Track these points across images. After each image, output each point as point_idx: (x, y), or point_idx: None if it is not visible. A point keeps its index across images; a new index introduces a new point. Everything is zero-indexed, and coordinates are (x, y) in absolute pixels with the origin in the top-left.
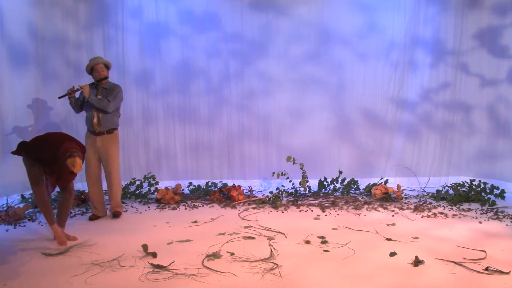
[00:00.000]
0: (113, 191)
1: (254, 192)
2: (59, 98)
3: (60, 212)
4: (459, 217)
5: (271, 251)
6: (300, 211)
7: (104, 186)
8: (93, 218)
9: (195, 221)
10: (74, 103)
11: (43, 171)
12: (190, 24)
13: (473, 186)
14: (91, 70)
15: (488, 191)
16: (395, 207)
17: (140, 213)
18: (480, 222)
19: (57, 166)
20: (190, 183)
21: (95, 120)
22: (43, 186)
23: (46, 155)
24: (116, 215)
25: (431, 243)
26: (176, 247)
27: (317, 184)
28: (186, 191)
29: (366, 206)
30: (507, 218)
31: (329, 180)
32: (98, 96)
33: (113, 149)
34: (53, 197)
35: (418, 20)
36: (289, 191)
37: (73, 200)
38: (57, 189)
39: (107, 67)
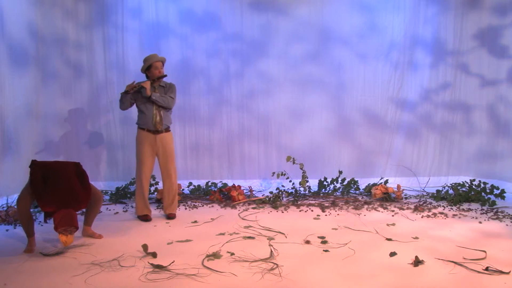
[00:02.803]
0: (172, 191)
1: (254, 192)
2: (122, 94)
3: (87, 214)
4: (459, 217)
5: (271, 251)
6: (300, 211)
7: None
8: (147, 219)
9: (195, 221)
10: (129, 99)
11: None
12: (190, 24)
13: (473, 186)
14: (148, 67)
15: (488, 191)
16: (395, 207)
17: None
18: (480, 222)
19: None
20: (190, 183)
21: (157, 118)
22: (29, 202)
23: (40, 195)
24: (172, 217)
25: (431, 243)
26: (176, 247)
27: (317, 184)
28: (186, 191)
29: (366, 206)
30: (507, 218)
31: (329, 180)
32: (156, 94)
33: (172, 148)
34: None
35: (418, 20)
36: (289, 191)
37: (100, 205)
38: None
39: (163, 64)
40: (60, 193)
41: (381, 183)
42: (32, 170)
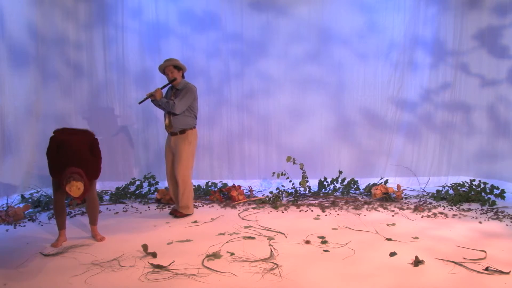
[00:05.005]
0: (179, 191)
1: (254, 192)
2: (139, 103)
3: (88, 213)
4: (459, 217)
5: (271, 251)
6: (300, 211)
7: None
8: (172, 213)
9: (195, 221)
10: (158, 105)
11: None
12: (190, 24)
13: (473, 186)
14: (163, 71)
15: (488, 191)
16: (395, 207)
17: (140, 213)
18: (480, 222)
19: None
20: None
21: (166, 121)
22: (61, 194)
23: (53, 174)
24: (173, 214)
25: (431, 243)
26: (176, 247)
27: (317, 184)
28: None
29: (366, 206)
30: (507, 218)
31: (329, 180)
32: (172, 98)
33: (183, 149)
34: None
35: (418, 20)
36: (289, 191)
37: (96, 199)
38: None
39: (179, 68)
40: (70, 163)
41: (381, 183)
42: (48, 148)
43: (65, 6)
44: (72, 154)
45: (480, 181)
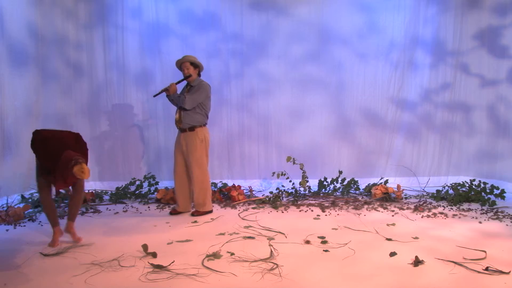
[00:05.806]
0: (195, 189)
1: (254, 192)
2: (154, 96)
3: (69, 207)
4: (459, 217)
5: (271, 251)
6: (300, 211)
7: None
8: (172, 213)
9: (195, 221)
10: (171, 100)
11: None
12: (190, 24)
13: (473, 186)
14: (180, 67)
15: (488, 191)
16: (395, 207)
17: (140, 213)
18: (480, 222)
19: (58, 172)
20: None
21: (176, 116)
22: (48, 191)
23: (45, 163)
24: (192, 214)
25: (431, 243)
26: (176, 247)
27: (317, 184)
28: None
29: (366, 206)
30: (507, 218)
31: (329, 180)
32: (185, 94)
33: (194, 147)
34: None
35: (418, 20)
36: (289, 191)
37: (82, 196)
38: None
39: (195, 65)
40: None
41: (381, 183)
42: (32, 142)
43: (65, 6)
44: (62, 143)
45: (480, 181)
